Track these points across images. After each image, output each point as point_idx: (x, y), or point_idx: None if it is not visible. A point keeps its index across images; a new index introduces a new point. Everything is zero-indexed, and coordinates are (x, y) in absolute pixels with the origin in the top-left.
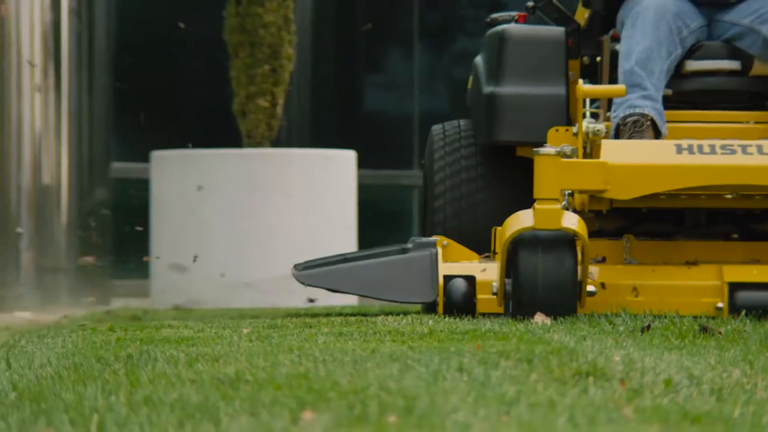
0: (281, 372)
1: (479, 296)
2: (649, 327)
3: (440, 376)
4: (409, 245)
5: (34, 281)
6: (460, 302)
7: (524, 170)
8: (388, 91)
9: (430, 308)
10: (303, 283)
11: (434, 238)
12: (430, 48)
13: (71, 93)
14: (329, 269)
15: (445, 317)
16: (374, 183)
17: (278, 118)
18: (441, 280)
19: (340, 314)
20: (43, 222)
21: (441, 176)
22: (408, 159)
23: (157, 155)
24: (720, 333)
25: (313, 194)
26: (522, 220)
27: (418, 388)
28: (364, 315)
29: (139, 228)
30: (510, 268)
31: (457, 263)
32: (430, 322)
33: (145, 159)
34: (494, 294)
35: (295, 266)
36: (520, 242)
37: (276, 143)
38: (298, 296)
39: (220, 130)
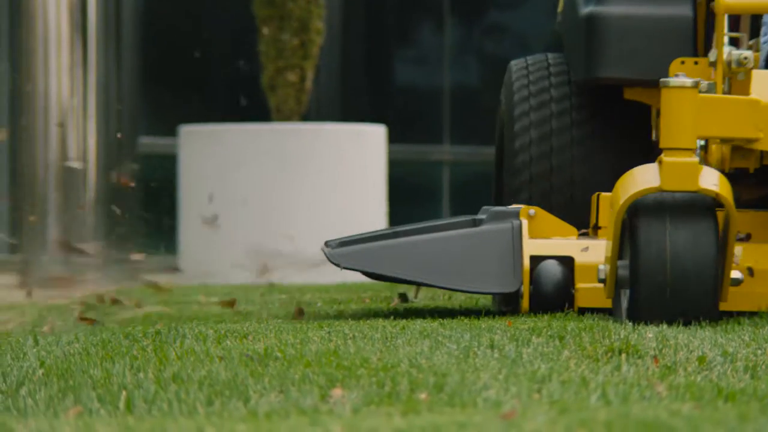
0: (311, 349)
1: (579, 285)
2: None
3: (471, 353)
4: (482, 216)
5: (60, 257)
6: (553, 293)
7: (635, 117)
8: (419, 65)
9: (508, 301)
10: (337, 265)
11: (516, 206)
12: (461, 21)
13: (99, 68)
14: (372, 246)
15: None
16: (404, 158)
17: (307, 93)
18: (526, 262)
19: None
20: (70, 198)
21: (524, 125)
22: (438, 134)
23: (185, 130)
24: None
25: (343, 169)
26: (642, 179)
27: (449, 366)
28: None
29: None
30: (624, 247)
31: (549, 240)
32: (461, 297)
33: (173, 133)
34: (601, 282)
35: (327, 243)
36: (640, 210)
37: (305, 118)
38: (327, 272)
39: (248, 105)
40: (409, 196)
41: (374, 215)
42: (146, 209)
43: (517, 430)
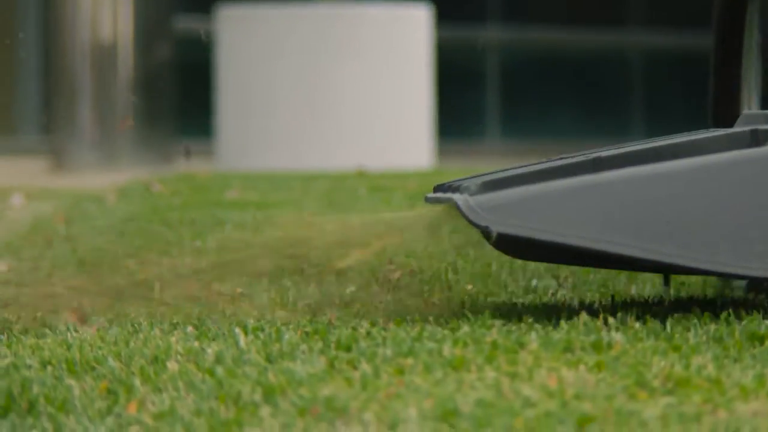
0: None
1: None
2: None
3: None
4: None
5: (94, 142)
6: None
7: None
8: None
9: None
10: (486, 231)
11: None
12: None
13: None
14: (552, 190)
15: None
16: (450, 42)
17: None
18: None
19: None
20: (103, 81)
21: None
22: (482, 14)
23: (223, 14)
24: None
25: (387, 54)
26: None
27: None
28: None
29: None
30: None
31: None
32: None
33: (209, 12)
34: None
35: (461, 187)
36: None
37: None
38: (370, 157)
39: None
40: (455, 81)
41: (418, 101)
42: (182, 94)
43: None
